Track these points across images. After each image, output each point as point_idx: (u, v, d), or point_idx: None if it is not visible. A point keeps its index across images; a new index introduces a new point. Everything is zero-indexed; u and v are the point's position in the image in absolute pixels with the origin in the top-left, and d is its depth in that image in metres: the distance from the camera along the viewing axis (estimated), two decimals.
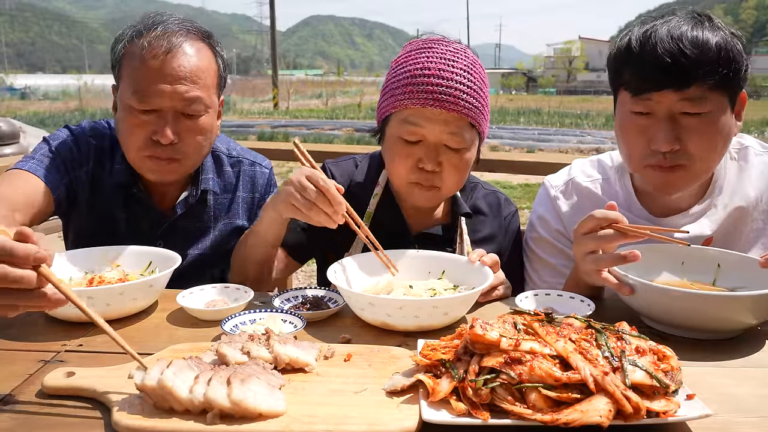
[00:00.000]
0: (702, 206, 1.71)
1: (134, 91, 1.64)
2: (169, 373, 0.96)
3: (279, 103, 36.73)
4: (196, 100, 1.67)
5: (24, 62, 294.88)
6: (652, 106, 1.52)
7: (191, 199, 1.88)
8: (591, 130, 22.57)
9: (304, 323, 1.29)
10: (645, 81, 1.50)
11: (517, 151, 14.33)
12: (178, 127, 1.68)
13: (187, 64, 1.66)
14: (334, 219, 1.46)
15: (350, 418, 0.95)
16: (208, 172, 1.92)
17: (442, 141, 1.64)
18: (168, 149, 1.68)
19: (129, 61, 1.68)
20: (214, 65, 1.76)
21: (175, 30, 1.69)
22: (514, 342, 0.97)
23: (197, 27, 1.78)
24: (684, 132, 1.50)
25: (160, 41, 1.65)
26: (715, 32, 1.47)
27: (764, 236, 1.70)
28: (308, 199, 1.44)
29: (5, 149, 6.16)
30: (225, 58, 1.83)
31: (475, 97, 1.63)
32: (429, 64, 1.63)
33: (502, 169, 3.09)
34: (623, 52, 1.56)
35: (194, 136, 1.71)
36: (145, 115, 1.66)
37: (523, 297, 1.46)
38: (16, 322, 1.37)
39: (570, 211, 1.81)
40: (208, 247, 1.92)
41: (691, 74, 1.45)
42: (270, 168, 2.07)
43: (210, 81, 1.73)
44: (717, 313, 1.24)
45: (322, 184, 1.44)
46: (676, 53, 1.44)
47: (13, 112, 27.40)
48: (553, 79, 76.20)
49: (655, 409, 0.90)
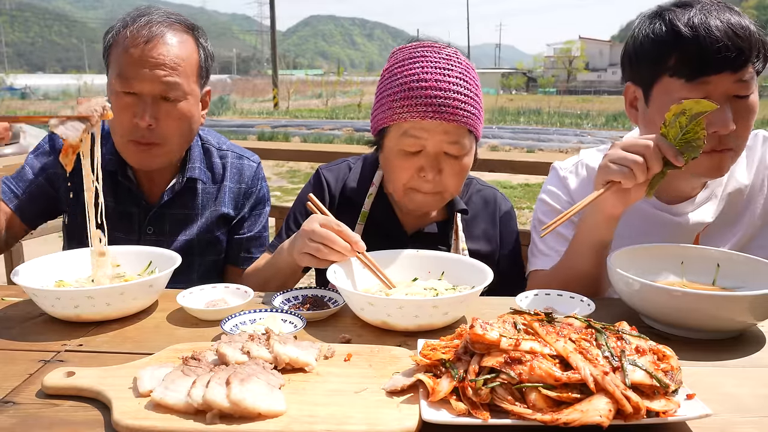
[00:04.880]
0: (706, 193, 1.74)
1: (118, 75, 1.74)
2: (160, 390, 0.97)
3: (279, 103, 36.74)
4: (175, 86, 1.75)
5: (24, 62, 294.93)
6: (709, 90, 1.50)
7: (177, 186, 1.94)
8: (591, 130, 22.59)
9: (304, 323, 1.29)
10: (704, 63, 1.49)
11: (517, 151, 14.33)
12: (156, 112, 1.75)
13: (166, 52, 1.75)
14: (347, 255, 1.49)
15: (350, 418, 0.94)
16: (195, 161, 1.98)
17: (443, 150, 1.65)
18: (147, 133, 1.75)
19: (115, 49, 1.78)
20: (196, 55, 1.83)
21: (158, 20, 1.78)
22: (514, 342, 0.97)
23: (182, 19, 1.86)
24: (734, 114, 1.51)
25: (142, 30, 1.74)
26: (745, 18, 1.52)
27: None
28: (324, 245, 1.47)
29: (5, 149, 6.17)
30: (209, 50, 1.90)
31: (472, 104, 1.64)
32: (424, 75, 1.62)
33: (502, 169, 3.09)
34: (668, 40, 1.53)
35: (173, 121, 1.78)
36: (128, 97, 1.74)
37: (523, 297, 1.46)
38: (17, 322, 1.37)
39: (579, 187, 1.82)
40: (195, 234, 1.97)
41: (747, 55, 1.48)
42: (258, 162, 2.13)
43: (190, 69, 1.81)
44: (717, 313, 1.24)
45: (335, 227, 1.49)
46: (731, 35, 1.46)
47: (13, 112, 27.41)
48: (553, 79, 76.11)
49: (655, 409, 0.90)
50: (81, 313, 1.33)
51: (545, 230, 1.41)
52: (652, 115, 1.61)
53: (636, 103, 1.68)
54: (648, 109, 1.63)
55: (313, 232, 1.49)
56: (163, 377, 1.00)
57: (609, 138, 18.19)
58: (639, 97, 1.65)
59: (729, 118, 1.49)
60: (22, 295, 1.50)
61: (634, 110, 1.70)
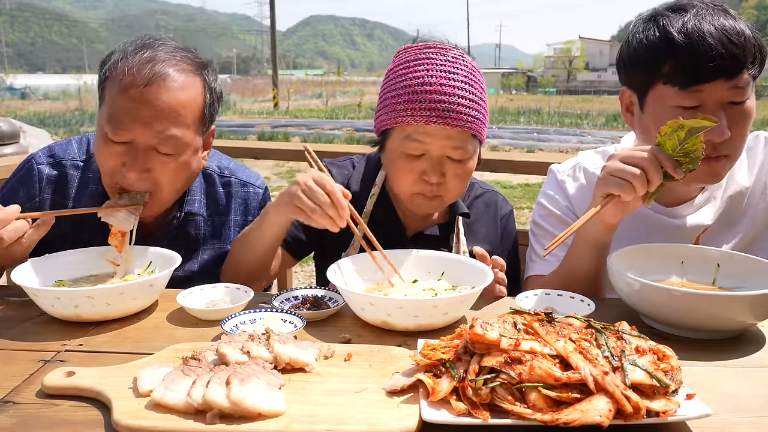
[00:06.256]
0: (705, 196, 1.74)
1: (109, 118, 1.55)
2: (160, 389, 0.97)
3: (279, 102, 36.75)
4: (172, 140, 1.57)
5: (24, 62, 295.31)
6: (704, 98, 1.50)
7: (176, 222, 1.80)
8: (591, 129, 22.58)
9: (304, 323, 1.29)
10: (697, 71, 1.47)
11: (517, 151, 14.32)
12: (149, 162, 1.57)
13: (166, 99, 1.55)
14: (337, 223, 1.46)
15: (350, 418, 0.94)
16: (195, 194, 1.83)
17: (446, 154, 1.64)
18: (138, 183, 1.59)
19: (110, 84, 1.58)
20: (201, 99, 1.63)
21: (162, 58, 1.58)
22: (514, 342, 0.97)
23: (190, 57, 1.65)
24: (729, 121, 1.50)
25: (143, 69, 1.54)
26: (741, 22, 1.50)
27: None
28: (314, 201, 1.44)
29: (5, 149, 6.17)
30: (218, 91, 1.72)
31: (477, 108, 1.63)
32: (429, 78, 1.61)
33: (502, 169, 3.09)
34: (661, 46, 1.51)
35: (167, 173, 1.61)
36: (118, 146, 1.56)
37: (523, 297, 1.46)
38: (17, 322, 1.37)
39: (577, 193, 1.81)
40: (195, 268, 1.84)
41: (741, 62, 1.46)
42: (264, 188, 1.97)
43: (191, 118, 1.61)
44: (717, 313, 1.24)
45: (329, 188, 1.44)
46: (725, 42, 1.45)
47: (13, 112, 27.42)
48: (553, 79, 76.08)
49: (655, 409, 0.90)
50: (81, 313, 1.33)
51: (548, 249, 1.39)
52: (646, 122, 1.61)
53: (632, 108, 1.67)
54: (643, 115, 1.62)
55: (308, 189, 1.45)
56: (163, 377, 1.00)
57: (609, 138, 18.20)
58: (635, 102, 1.65)
59: (724, 125, 1.48)
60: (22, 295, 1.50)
61: (630, 114, 1.69)
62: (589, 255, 1.56)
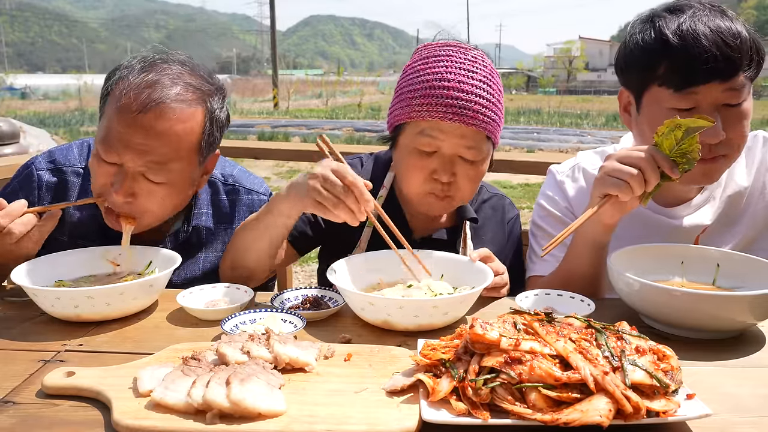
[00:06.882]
0: (704, 196, 1.74)
1: (103, 138, 1.53)
2: (160, 390, 0.97)
3: (279, 102, 36.75)
4: (162, 169, 1.53)
5: (24, 62, 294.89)
6: (698, 100, 1.49)
7: (182, 235, 1.77)
8: (591, 129, 22.60)
9: (304, 323, 1.29)
10: (692, 73, 1.47)
11: (517, 151, 14.31)
12: (135, 188, 1.54)
13: (160, 128, 1.50)
14: (358, 217, 1.41)
15: (350, 418, 0.95)
16: (202, 207, 1.80)
17: (458, 153, 1.61)
18: (125, 207, 1.56)
19: (111, 101, 1.54)
20: (198, 130, 1.57)
21: (165, 83, 1.52)
22: (514, 342, 0.97)
23: (195, 84, 1.58)
24: (724, 122, 1.50)
25: (141, 93, 1.49)
26: (738, 23, 1.49)
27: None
28: (335, 195, 1.38)
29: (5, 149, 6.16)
30: (222, 117, 1.65)
31: (493, 110, 1.61)
32: (448, 75, 1.59)
33: (502, 169, 3.08)
34: (656, 48, 1.51)
35: (155, 200, 1.58)
36: (108, 166, 1.54)
37: (523, 297, 1.46)
38: (17, 322, 1.37)
39: (576, 194, 1.82)
40: (198, 273, 1.82)
41: (737, 64, 1.46)
42: (269, 194, 1.93)
43: (186, 149, 1.56)
44: (717, 313, 1.24)
45: (350, 179, 1.38)
46: (720, 44, 1.44)
47: (13, 112, 27.41)
48: (553, 79, 76.04)
49: (655, 409, 0.90)
50: (81, 313, 1.33)
51: (546, 250, 1.39)
52: (642, 123, 1.61)
53: (630, 108, 1.68)
54: (639, 116, 1.63)
55: (327, 180, 1.38)
56: (163, 377, 1.01)
57: (609, 138, 18.20)
58: (632, 102, 1.65)
59: (718, 127, 1.48)
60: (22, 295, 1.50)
61: (627, 115, 1.70)
62: (587, 255, 1.56)
